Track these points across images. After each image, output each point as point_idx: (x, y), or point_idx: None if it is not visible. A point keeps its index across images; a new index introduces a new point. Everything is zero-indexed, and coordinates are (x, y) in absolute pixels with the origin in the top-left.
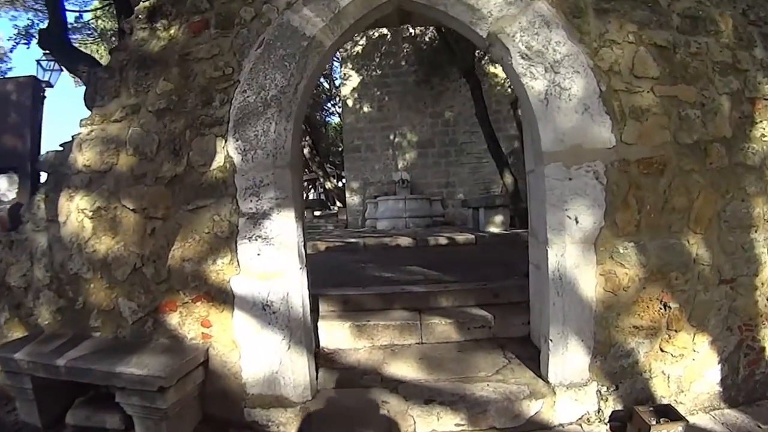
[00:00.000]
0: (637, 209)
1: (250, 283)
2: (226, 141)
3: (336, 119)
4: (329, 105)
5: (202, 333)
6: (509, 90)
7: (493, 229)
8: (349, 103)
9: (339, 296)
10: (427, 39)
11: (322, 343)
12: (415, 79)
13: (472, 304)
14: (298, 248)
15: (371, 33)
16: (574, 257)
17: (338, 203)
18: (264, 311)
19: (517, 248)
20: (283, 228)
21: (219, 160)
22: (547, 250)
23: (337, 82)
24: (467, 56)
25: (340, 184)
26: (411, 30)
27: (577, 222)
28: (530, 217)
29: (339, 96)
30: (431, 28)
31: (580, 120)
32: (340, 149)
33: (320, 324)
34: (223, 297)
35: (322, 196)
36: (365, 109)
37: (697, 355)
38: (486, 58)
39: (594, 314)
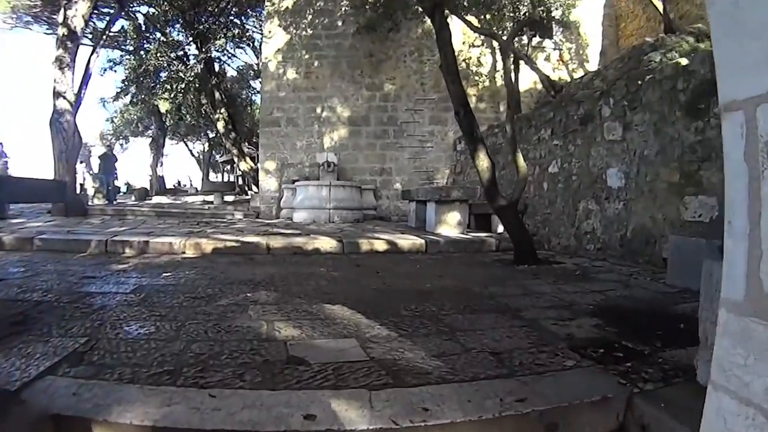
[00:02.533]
0: None
1: None
2: None
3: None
4: (258, 82)
5: None
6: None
7: (447, 232)
8: (271, 66)
9: None
10: None
11: None
12: (355, 37)
13: None
14: None
15: None
16: None
17: (254, 188)
18: None
19: (498, 268)
20: None
21: None
22: None
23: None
24: None
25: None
26: None
27: None
28: (730, 204)
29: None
30: None
31: None
32: None
33: None
34: None
35: (240, 180)
36: (289, 75)
37: None
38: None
39: None
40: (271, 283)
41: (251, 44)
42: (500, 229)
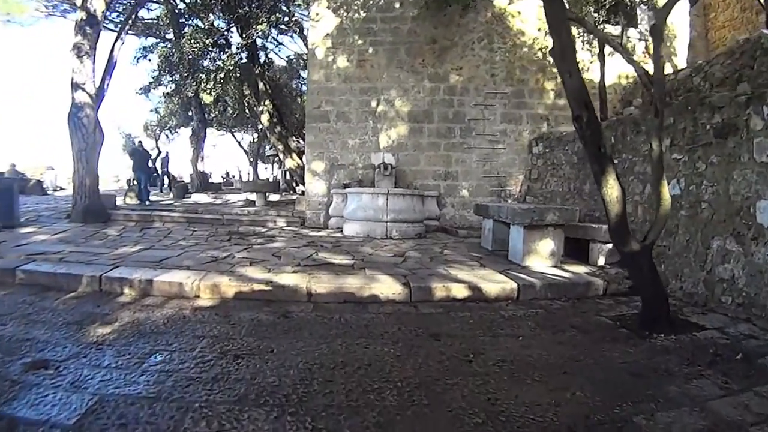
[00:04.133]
0: None
1: None
2: None
3: None
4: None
5: None
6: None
7: (538, 264)
8: (319, 53)
9: None
10: None
11: None
12: (415, 20)
13: None
14: None
15: None
16: None
17: (301, 187)
18: None
19: (628, 342)
20: None
21: None
22: None
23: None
24: None
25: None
26: None
27: None
28: None
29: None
30: None
31: None
32: None
33: None
34: None
35: (287, 175)
36: (340, 63)
37: None
38: None
39: None
40: (308, 396)
41: (299, 31)
42: (601, 260)
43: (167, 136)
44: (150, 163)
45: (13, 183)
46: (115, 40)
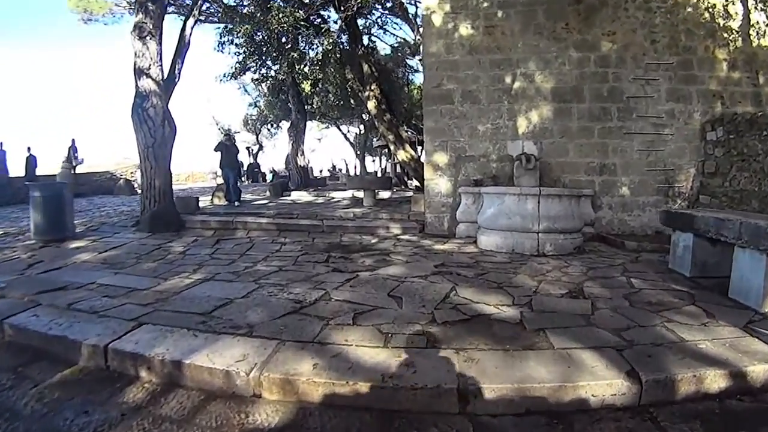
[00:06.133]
0: None
1: None
2: None
3: (421, 78)
4: (415, 61)
5: None
6: None
7: None
8: (436, 20)
9: None
10: None
11: None
12: None
13: None
14: None
15: None
16: None
17: (415, 182)
18: None
19: None
20: None
21: None
22: None
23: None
24: None
25: (421, 156)
26: None
27: None
28: None
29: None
30: None
31: None
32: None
33: None
34: None
35: (398, 168)
36: (463, 31)
37: None
38: None
39: None
40: None
41: (404, 14)
42: None
43: (269, 130)
44: (242, 159)
45: (64, 189)
46: (186, 18)
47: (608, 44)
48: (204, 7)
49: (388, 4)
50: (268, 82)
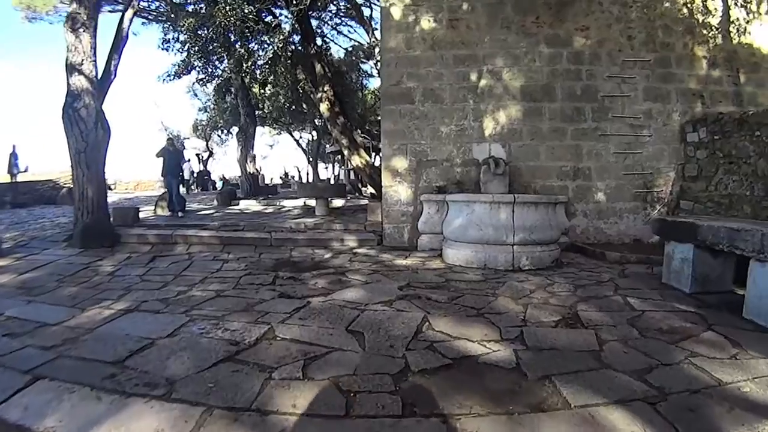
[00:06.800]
0: None
1: None
2: None
3: (376, 83)
4: (369, 65)
5: None
6: None
7: None
8: (395, 13)
9: None
10: None
11: None
12: None
13: None
14: None
15: None
16: None
17: (370, 189)
18: None
19: None
20: None
21: None
22: None
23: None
24: None
25: (376, 161)
26: None
27: None
28: None
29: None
30: None
31: None
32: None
33: None
34: None
35: (352, 176)
36: (425, 24)
37: None
38: None
39: None
40: None
41: (359, 15)
42: None
43: (219, 136)
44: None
45: None
46: (124, 10)
47: (582, 40)
48: (153, 7)
49: (342, 3)
50: (214, 82)
